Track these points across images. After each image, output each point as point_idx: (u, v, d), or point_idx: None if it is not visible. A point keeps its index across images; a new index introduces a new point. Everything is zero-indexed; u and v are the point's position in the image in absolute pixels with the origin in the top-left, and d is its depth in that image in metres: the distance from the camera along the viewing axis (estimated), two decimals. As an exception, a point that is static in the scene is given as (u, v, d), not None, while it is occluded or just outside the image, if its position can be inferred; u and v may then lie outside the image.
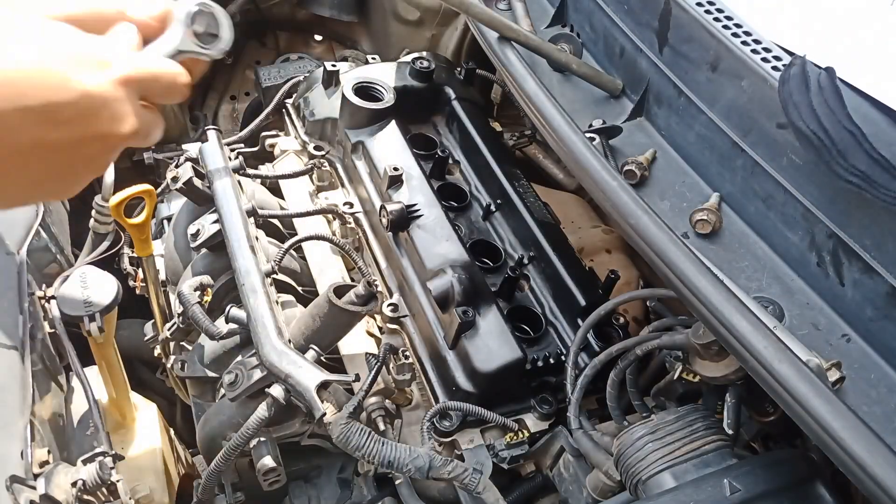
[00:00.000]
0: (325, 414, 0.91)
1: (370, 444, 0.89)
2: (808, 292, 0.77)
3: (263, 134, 1.48)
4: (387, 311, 1.06)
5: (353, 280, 1.13)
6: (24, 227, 1.26)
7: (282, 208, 1.31)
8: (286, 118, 1.52)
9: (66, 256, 1.35)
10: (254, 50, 2.13)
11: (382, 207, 1.10)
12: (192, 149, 1.29)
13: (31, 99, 0.47)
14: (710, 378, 0.83)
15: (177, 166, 1.25)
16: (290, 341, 0.98)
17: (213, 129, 1.26)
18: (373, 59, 1.47)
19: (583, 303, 1.04)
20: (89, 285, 1.12)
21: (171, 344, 1.23)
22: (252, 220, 1.13)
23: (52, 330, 1.13)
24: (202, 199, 1.23)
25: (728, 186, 0.85)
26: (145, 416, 1.34)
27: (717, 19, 0.84)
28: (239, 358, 1.09)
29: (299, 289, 1.25)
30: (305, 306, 1.08)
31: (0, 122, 0.46)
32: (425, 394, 1.05)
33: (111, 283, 1.12)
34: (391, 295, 1.12)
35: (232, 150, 1.36)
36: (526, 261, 1.10)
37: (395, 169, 1.14)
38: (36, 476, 1.08)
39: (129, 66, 0.53)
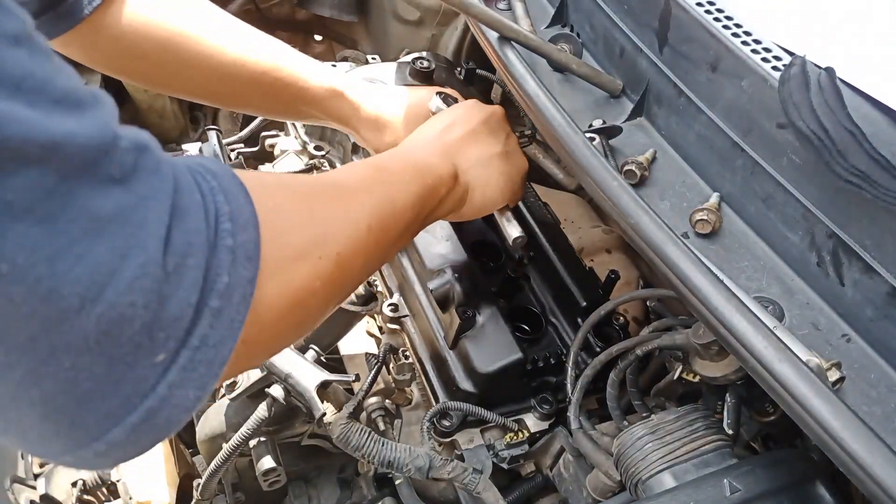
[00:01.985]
0: (325, 414, 0.91)
1: (370, 444, 0.89)
2: (808, 292, 0.77)
3: (263, 134, 1.48)
4: (387, 311, 1.06)
5: (353, 280, 1.13)
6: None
7: (282, 208, 1.31)
8: (286, 118, 1.52)
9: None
10: (254, 50, 2.13)
11: (382, 207, 1.10)
12: (191, 149, 1.29)
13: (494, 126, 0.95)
14: (710, 378, 0.83)
15: (177, 166, 1.25)
16: (290, 341, 0.98)
17: (213, 129, 1.27)
18: (373, 59, 1.47)
19: (583, 303, 1.04)
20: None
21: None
22: (252, 220, 1.13)
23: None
24: (202, 199, 1.23)
25: (728, 186, 0.85)
26: (145, 416, 1.34)
27: (717, 19, 0.84)
28: (239, 358, 1.09)
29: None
30: (305, 306, 1.08)
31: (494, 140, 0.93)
32: (425, 394, 1.05)
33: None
34: (391, 295, 1.12)
35: (232, 150, 1.36)
36: (526, 261, 1.10)
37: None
38: (36, 476, 1.08)
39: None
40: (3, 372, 0.38)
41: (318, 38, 2.17)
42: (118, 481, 1.15)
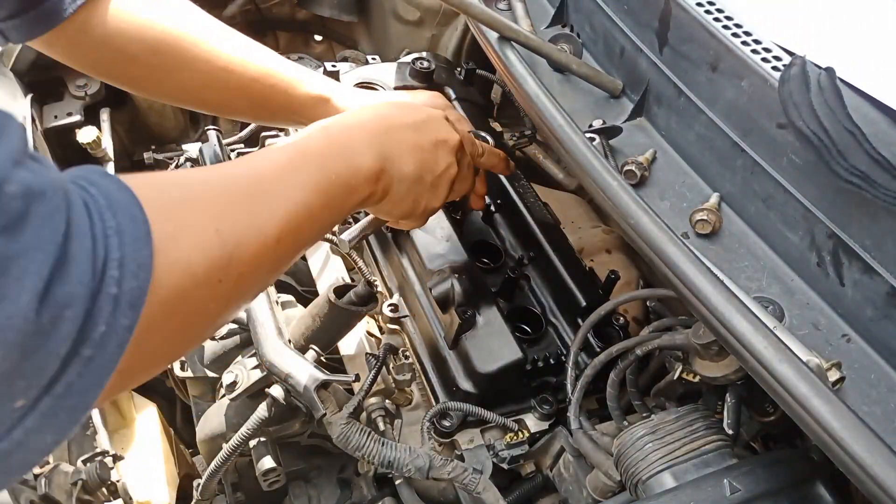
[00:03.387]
0: (325, 414, 0.91)
1: (370, 444, 0.89)
2: (808, 292, 0.78)
3: (263, 134, 1.48)
4: (387, 311, 1.06)
5: (353, 280, 1.13)
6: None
7: (282, 208, 1.31)
8: (286, 118, 1.52)
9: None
10: (254, 50, 2.13)
11: (382, 207, 1.10)
12: (192, 149, 1.29)
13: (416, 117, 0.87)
14: (710, 378, 0.83)
15: (177, 166, 1.25)
16: (290, 341, 0.98)
17: (213, 129, 1.26)
18: (373, 59, 1.47)
19: (583, 303, 1.04)
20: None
21: (171, 344, 1.22)
22: (252, 220, 1.13)
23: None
24: (202, 199, 1.23)
25: (728, 186, 0.85)
26: (145, 416, 1.34)
27: (717, 19, 0.84)
28: (239, 358, 1.09)
29: (299, 288, 1.25)
30: (305, 306, 1.08)
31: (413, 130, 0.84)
32: (425, 394, 1.05)
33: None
34: (391, 295, 1.12)
35: (232, 151, 1.36)
36: (526, 261, 1.10)
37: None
38: (36, 476, 1.08)
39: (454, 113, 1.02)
40: None
41: (318, 38, 2.17)
42: (118, 481, 1.15)
